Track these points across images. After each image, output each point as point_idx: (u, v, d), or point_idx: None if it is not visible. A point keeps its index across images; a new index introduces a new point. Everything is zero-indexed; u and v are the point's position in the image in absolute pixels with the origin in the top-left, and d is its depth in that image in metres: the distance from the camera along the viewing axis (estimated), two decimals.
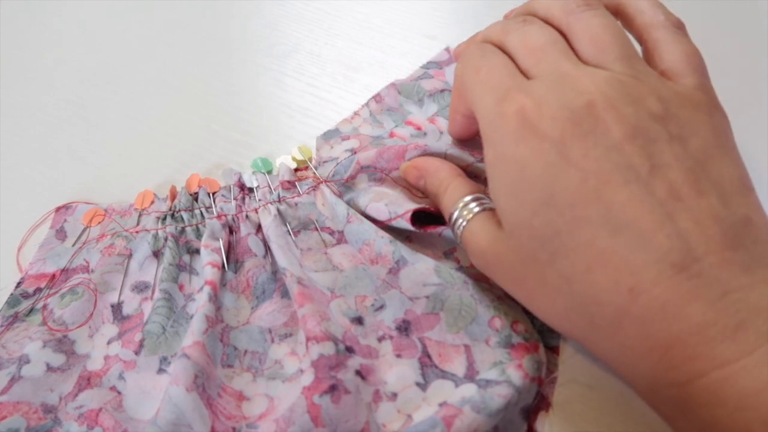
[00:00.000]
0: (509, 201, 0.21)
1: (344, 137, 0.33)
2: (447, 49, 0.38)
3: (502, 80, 0.22)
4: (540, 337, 0.24)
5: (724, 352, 0.17)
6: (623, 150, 0.20)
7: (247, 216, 0.29)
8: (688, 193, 0.19)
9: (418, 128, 0.33)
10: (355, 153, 0.31)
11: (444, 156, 0.29)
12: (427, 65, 0.37)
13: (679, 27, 0.24)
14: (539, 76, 0.22)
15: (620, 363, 0.20)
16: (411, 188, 0.29)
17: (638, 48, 0.24)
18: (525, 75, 0.23)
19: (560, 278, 0.20)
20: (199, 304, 0.25)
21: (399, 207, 0.27)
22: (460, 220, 0.24)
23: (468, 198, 0.24)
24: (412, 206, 0.27)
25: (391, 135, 0.33)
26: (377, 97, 0.35)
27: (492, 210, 0.23)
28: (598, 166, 0.19)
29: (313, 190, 0.29)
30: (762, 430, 0.16)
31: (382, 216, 0.27)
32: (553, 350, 0.25)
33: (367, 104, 0.35)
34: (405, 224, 0.27)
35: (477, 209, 0.24)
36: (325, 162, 0.32)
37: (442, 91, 0.35)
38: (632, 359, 0.19)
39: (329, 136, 0.33)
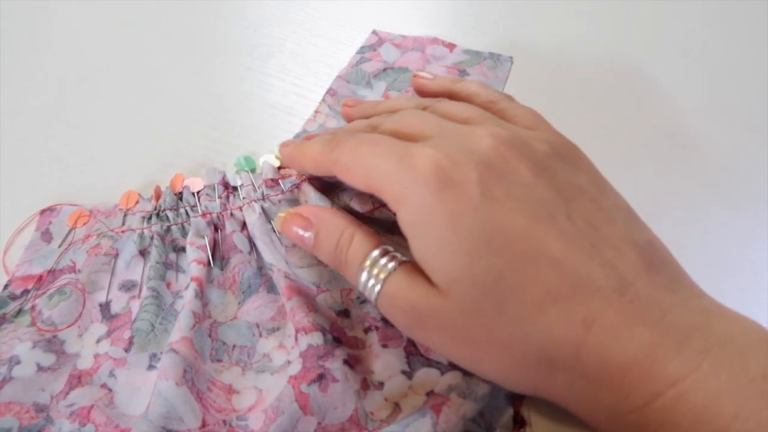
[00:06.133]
0: (442, 254, 0.20)
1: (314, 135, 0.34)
2: (375, 32, 0.41)
3: (397, 145, 0.22)
4: None
5: (675, 369, 0.17)
6: (537, 187, 0.20)
7: (231, 214, 0.29)
8: (600, 222, 0.20)
9: None
10: None
11: None
12: (362, 50, 0.40)
13: (510, 98, 0.27)
14: (431, 136, 0.23)
15: (580, 399, 0.20)
16: None
17: None
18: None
19: (512, 323, 0.19)
20: (185, 301, 0.25)
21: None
22: (372, 282, 0.22)
23: (375, 253, 0.22)
24: None
25: None
26: (331, 91, 0.37)
27: (409, 263, 0.22)
28: (522, 204, 0.20)
29: (296, 188, 0.30)
30: None
31: (366, 207, 0.28)
32: None
33: (323, 100, 0.36)
34: (388, 213, 0.27)
35: (392, 265, 0.22)
36: None
37: (384, 69, 0.38)
38: (592, 392, 0.19)
39: (299, 137, 0.34)
